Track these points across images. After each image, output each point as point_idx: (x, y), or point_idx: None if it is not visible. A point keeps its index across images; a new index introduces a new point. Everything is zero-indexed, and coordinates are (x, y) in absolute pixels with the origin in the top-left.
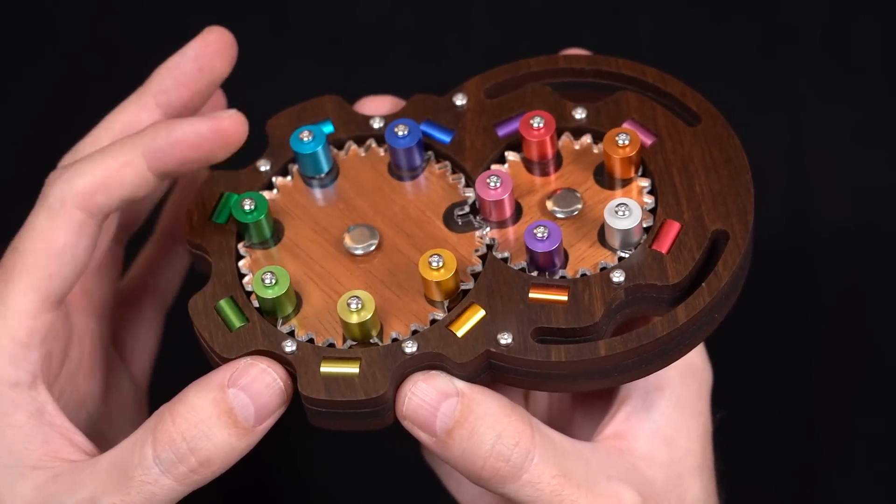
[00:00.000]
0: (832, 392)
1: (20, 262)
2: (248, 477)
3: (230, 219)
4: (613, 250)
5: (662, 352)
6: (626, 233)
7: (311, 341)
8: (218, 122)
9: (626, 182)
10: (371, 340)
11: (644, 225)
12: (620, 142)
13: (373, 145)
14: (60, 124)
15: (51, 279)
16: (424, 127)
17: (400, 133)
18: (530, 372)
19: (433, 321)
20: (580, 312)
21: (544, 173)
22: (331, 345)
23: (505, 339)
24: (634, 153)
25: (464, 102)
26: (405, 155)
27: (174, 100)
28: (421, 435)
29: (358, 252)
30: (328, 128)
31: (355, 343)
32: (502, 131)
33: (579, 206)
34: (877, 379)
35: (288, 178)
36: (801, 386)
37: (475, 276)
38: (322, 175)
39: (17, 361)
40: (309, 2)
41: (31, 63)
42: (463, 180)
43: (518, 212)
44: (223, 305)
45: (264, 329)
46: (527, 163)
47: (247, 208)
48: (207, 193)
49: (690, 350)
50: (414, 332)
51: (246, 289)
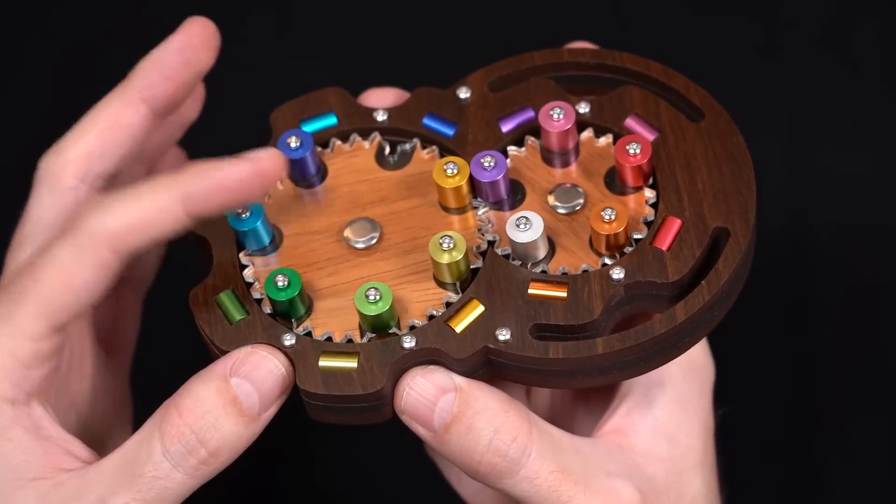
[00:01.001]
0: (832, 392)
1: (35, 290)
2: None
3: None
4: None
5: (661, 349)
6: (525, 246)
7: (330, 339)
8: (258, 164)
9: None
10: (390, 331)
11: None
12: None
13: (357, 139)
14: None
15: (62, 311)
16: (427, 120)
17: (293, 144)
18: (528, 368)
19: (448, 304)
20: (579, 309)
21: (561, 165)
22: (349, 340)
23: (503, 336)
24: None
25: (467, 96)
26: (298, 166)
27: (159, 94)
28: (419, 430)
29: (360, 246)
30: (331, 120)
31: (373, 336)
32: (505, 125)
33: (580, 202)
34: (876, 378)
35: (278, 183)
36: (801, 386)
37: (482, 255)
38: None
39: (17, 381)
40: (310, 1)
41: (32, 62)
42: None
43: (521, 196)
44: (223, 298)
45: (264, 322)
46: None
47: (280, 285)
48: None
49: (690, 347)
50: (431, 318)
51: (247, 280)
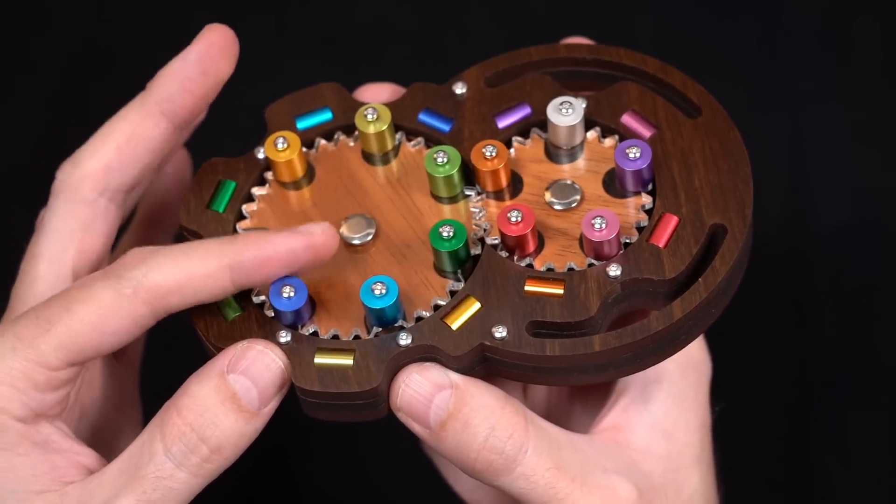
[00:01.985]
0: (831, 391)
1: (65, 322)
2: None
3: (227, 207)
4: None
5: (658, 347)
6: (569, 130)
7: (336, 337)
8: (312, 239)
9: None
10: (397, 324)
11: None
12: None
13: (341, 136)
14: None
15: (85, 350)
16: (423, 116)
17: (285, 295)
18: (525, 366)
19: (452, 292)
20: (576, 306)
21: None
22: (356, 337)
23: (500, 333)
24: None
25: (463, 91)
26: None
27: (178, 107)
28: (415, 427)
29: (356, 242)
30: (326, 115)
31: (380, 330)
32: (501, 121)
33: (577, 198)
34: (876, 378)
35: (265, 188)
36: (801, 385)
37: (481, 242)
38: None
39: (28, 402)
40: (308, 1)
41: (32, 62)
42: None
43: (518, 186)
44: None
45: (259, 319)
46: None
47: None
48: (205, 180)
49: (687, 344)
50: (436, 307)
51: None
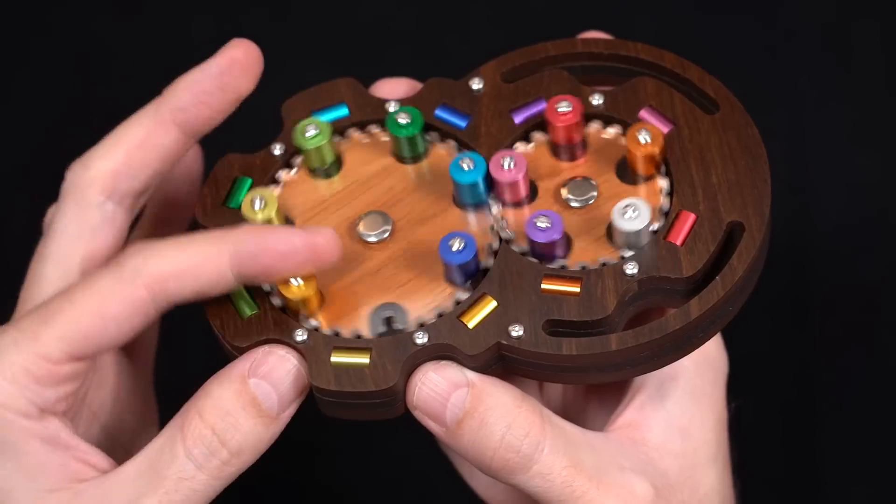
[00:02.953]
0: (831, 391)
1: (66, 312)
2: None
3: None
4: (618, 248)
5: (675, 345)
6: (634, 234)
7: (337, 334)
8: (313, 238)
9: (648, 179)
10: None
11: (653, 228)
12: (642, 139)
13: (374, 130)
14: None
15: (87, 340)
16: (439, 111)
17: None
18: (541, 364)
19: (458, 302)
20: (593, 305)
21: (569, 158)
22: (357, 336)
23: (516, 332)
24: (658, 151)
25: (480, 87)
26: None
27: (192, 118)
28: (431, 425)
29: (372, 239)
30: (343, 111)
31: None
32: (518, 117)
33: (594, 194)
34: (877, 378)
35: (292, 172)
36: (801, 385)
37: (495, 254)
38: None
39: (31, 396)
40: (309, 1)
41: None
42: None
43: (533, 193)
44: (234, 293)
45: (275, 317)
46: (552, 146)
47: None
48: (221, 177)
49: (704, 342)
50: (439, 316)
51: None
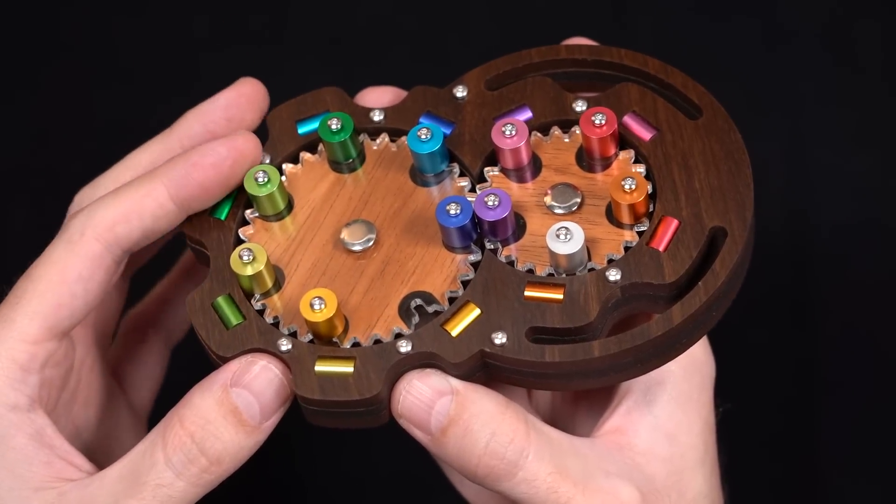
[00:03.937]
0: (832, 391)
1: (31, 288)
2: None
3: (229, 214)
4: (556, 273)
5: (659, 351)
6: (567, 258)
7: (379, 341)
8: (232, 141)
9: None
10: (333, 340)
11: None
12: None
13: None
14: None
15: (59, 309)
16: (424, 119)
17: (452, 212)
18: (525, 371)
19: (472, 264)
20: (575, 311)
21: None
22: (399, 334)
23: (499, 339)
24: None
25: (464, 94)
26: (458, 234)
27: (198, 145)
28: (417, 433)
29: (362, 247)
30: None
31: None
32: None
33: (577, 201)
34: (877, 377)
35: (318, 155)
36: (801, 385)
37: (464, 284)
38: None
39: (17, 384)
40: (309, 2)
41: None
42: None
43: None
44: (220, 302)
45: (260, 327)
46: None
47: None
48: None
49: (689, 348)
50: (464, 284)
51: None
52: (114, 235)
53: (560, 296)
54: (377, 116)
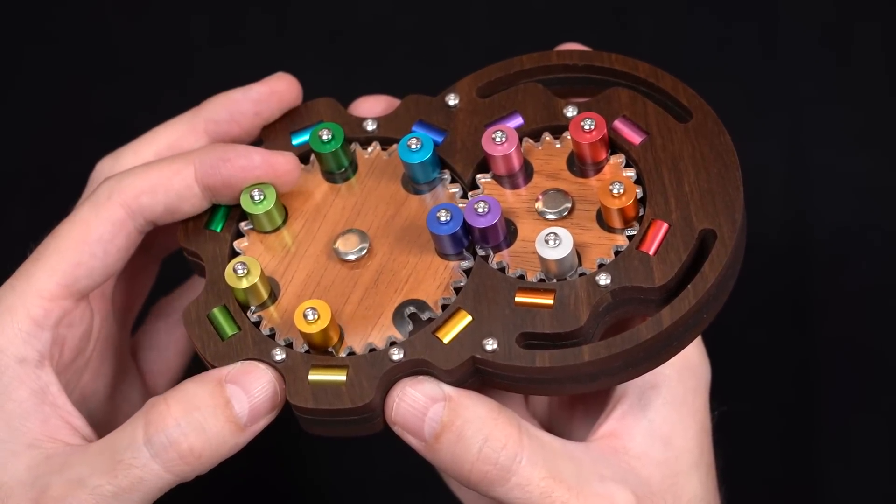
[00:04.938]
0: (831, 391)
1: (53, 245)
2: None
3: (224, 227)
4: (547, 278)
5: (650, 354)
6: (559, 262)
7: (374, 349)
8: (270, 157)
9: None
10: (329, 350)
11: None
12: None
13: (378, 148)
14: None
15: (77, 267)
16: (417, 129)
17: (443, 218)
18: (516, 377)
19: (465, 271)
20: (566, 316)
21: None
22: (393, 342)
23: (490, 345)
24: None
25: (456, 102)
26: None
27: (223, 133)
28: (411, 440)
29: (355, 257)
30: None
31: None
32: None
33: (568, 206)
34: (876, 378)
35: (308, 166)
36: (801, 386)
37: (457, 291)
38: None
39: (28, 338)
40: (309, 1)
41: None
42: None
43: (513, 232)
44: (216, 314)
45: (255, 337)
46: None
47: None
48: None
49: (680, 350)
50: (456, 290)
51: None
52: (138, 204)
53: (550, 301)
54: (370, 126)
